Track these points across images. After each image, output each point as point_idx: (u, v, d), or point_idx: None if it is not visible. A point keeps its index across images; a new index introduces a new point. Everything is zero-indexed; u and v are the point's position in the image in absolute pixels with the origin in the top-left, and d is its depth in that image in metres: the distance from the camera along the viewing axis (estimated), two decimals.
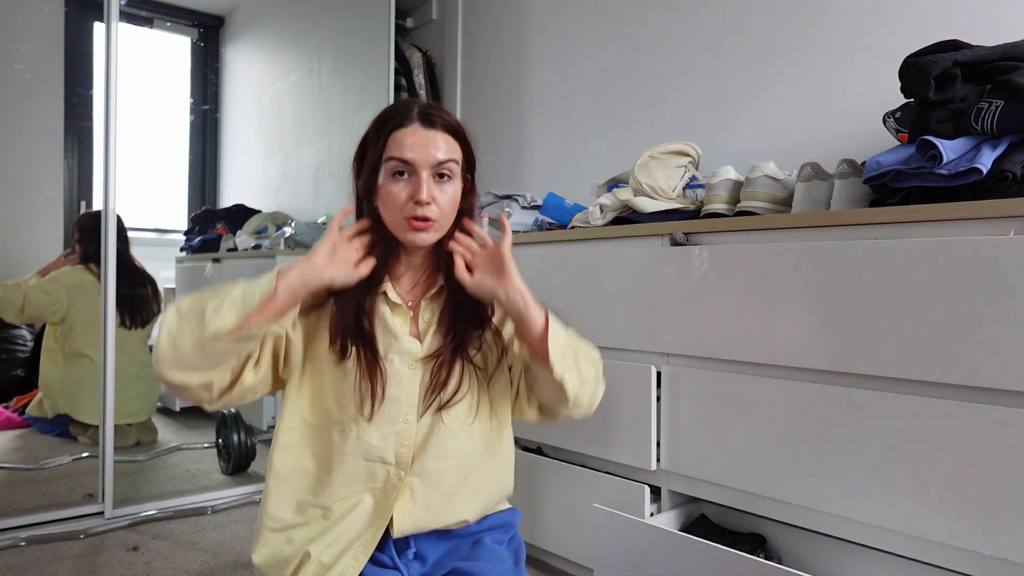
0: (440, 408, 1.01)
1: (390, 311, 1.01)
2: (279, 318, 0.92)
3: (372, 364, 0.97)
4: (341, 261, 0.96)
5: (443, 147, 0.98)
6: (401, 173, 0.97)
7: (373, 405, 0.98)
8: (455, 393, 1.02)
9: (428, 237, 0.99)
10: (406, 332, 1.02)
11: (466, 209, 1.06)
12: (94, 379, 2.49)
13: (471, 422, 1.04)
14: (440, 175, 0.98)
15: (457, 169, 1.00)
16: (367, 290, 0.99)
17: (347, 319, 0.98)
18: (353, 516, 0.99)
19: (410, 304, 1.04)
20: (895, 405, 1.14)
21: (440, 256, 1.04)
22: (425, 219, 0.96)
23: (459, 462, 1.02)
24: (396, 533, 0.99)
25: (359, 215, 1.04)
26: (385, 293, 1.01)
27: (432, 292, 1.04)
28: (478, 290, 0.98)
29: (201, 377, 0.91)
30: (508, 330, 1.06)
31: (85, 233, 2.70)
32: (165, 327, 0.90)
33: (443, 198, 0.98)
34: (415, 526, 1.00)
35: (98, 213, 2.56)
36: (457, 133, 1.02)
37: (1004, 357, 1.02)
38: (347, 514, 0.98)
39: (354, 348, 0.98)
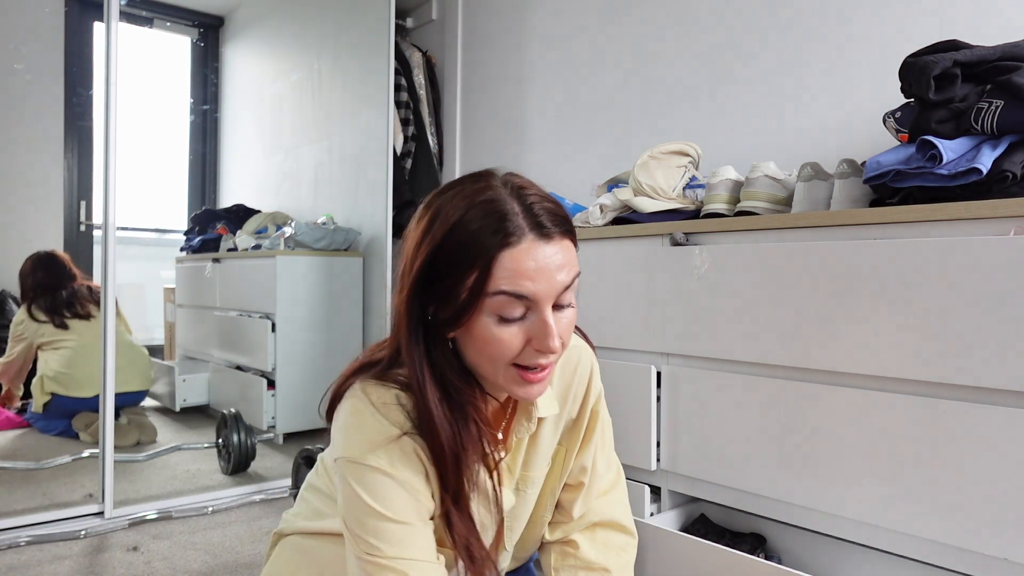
0: (504, 538, 0.89)
1: (499, 485, 0.80)
2: None
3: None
4: None
5: (566, 264, 0.72)
6: (515, 312, 0.70)
7: None
8: (520, 519, 0.92)
9: (542, 389, 0.74)
10: (505, 490, 0.83)
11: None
12: (74, 357, 2.76)
13: (529, 530, 0.97)
14: (561, 303, 0.73)
15: (577, 284, 0.74)
16: (469, 478, 0.77)
17: (466, 535, 0.76)
18: None
19: (500, 437, 0.84)
20: (895, 405, 1.14)
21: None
22: (546, 366, 0.73)
23: (508, 564, 0.98)
24: None
25: (415, 363, 0.74)
26: (490, 460, 0.78)
27: (527, 431, 0.84)
28: None
29: None
30: (588, 447, 0.95)
31: (23, 277, 2.90)
32: None
33: (565, 327, 0.73)
34: None
35: (33, 257, 2.90)
36: (571, 231, 0.76)
37: (1004, 357, 1.02)
38: None
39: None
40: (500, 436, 0.83)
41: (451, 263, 0.69)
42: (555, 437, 0.92)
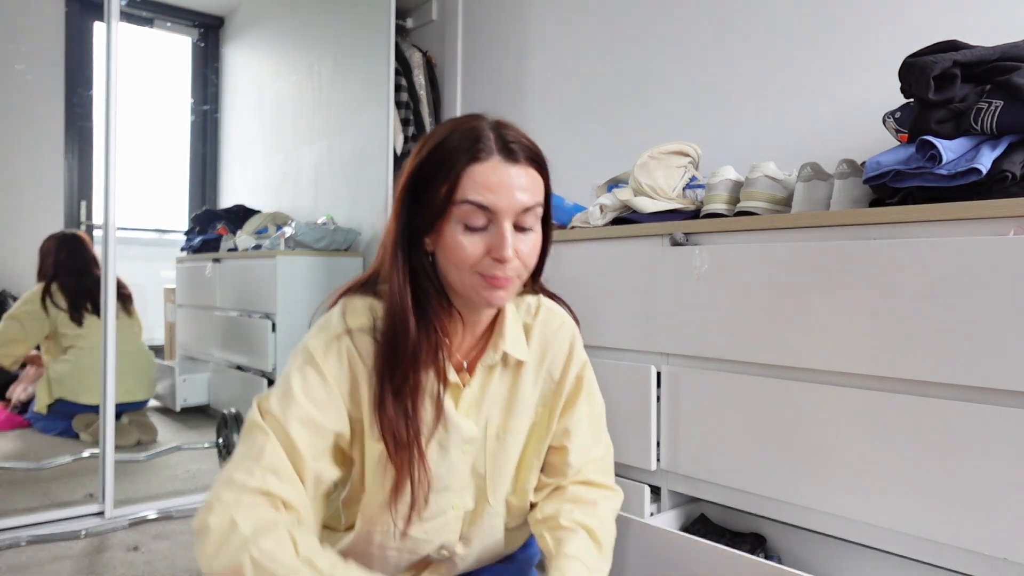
0: (486, 488, 0.93)
1: (445, 391, 0.86)
2: None
3: (412, 466, 0.83)
4: None
5: (528, 187, 0.81)
6: (477, 221, 0.79)
7: (410, 518, 0.86)
8: (503, 470, 0.94)
9: (504, 296, 0.82)
10: (458, 412, 0.88)
11: (544, 255, 0.90)
12: (84, 361, 2.63)
13: (517, 496, 0.98)
14: (523, 224, 0.81)
15: (541, 212, 0.84)
16: (417, 371, 0.83)
17: (392, 419, 0.82)
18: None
19: (464, 366, 0.91)
20: (895, 405, 1.14)
21: (502, 316, 0.90)
22: (505, 278, 0.80)
23: (494, 539, 0.98)
24: None
25: (396, 262, 0.83)
26: (442, 370, 0.85)
27: (492, 361, 0.91)
28: None
29: None
30: (573, 413, 0.98)
31: (42, 255, 2.81)
32: (230, 568, 0.69)
33: (525, 248, 0.82)
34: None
35: (55, 235, 2.79)
36: (540, 163, 0.85)
37: (1004, 357, 1.02)
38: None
39: (392, 451, 0.83)
40: (466, 365, 0.90)
41: (431, 175, 0.80)
42: (535, 392, 0.96)
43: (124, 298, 2.87)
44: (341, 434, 0.83)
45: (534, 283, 0.96)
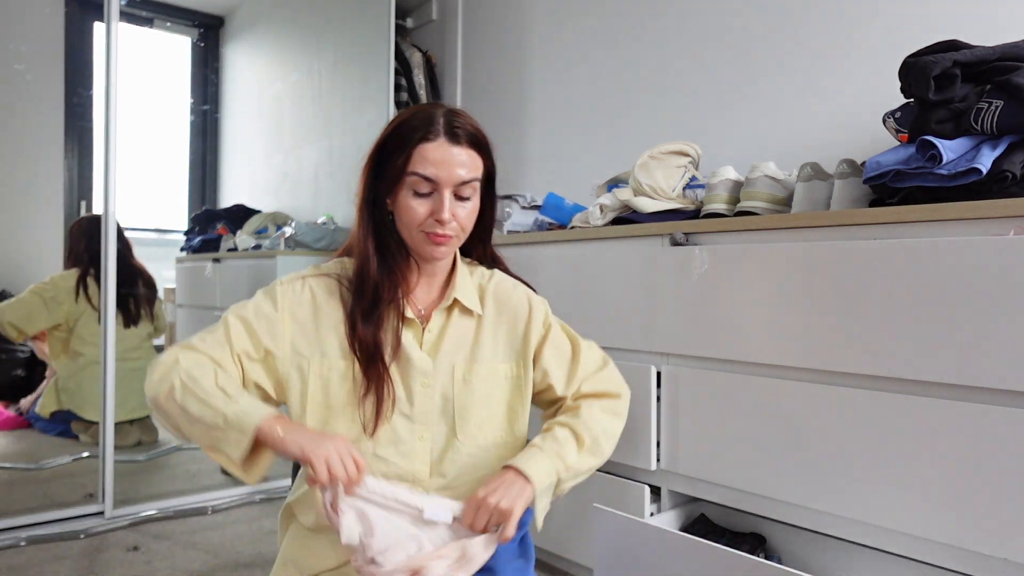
0: (454, 425, 1.01)
1: (403, 326, 1.01)
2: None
3: (380, 381, 0.98)
4: (339, 465, 0.88)
5: (467, 164, 0.98)
6: (423, 189, 0.97)
7: (377, 422, 0.98)
8: (470, 410, 1.02)
9: (446, 251, 1.00)
10: (418, 348, 1.02)
11: (487, 223, 1.08)
12: (95, 375, 2.50)
13: (486, 438, 1.03)
14: (461, 194, 0.99)
15: (478, 186, 1.01)
16: (380, 303, 0.99)
17: (362, 337, 0.98)
18: None
19: (422, 312, 1.05)
20: (895, 405, 1.14)
21: (454, 269, 1.06)
22: (444, 236, 0.98)
23: (474, 477, 1.01)
24: None
25: (363, 219, 1.03)
26: (399, 307, 1.01)
27: (445, 305, 1.04)
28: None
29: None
30: (543, 357, 1.07)
31: (75, 238, 2.72)
32: (166, 386, 0.91)
33: (462, 214, 0.99)
34: None
35: (89, 218, 2.62)
36: (481, 146, 1.02)
37: (1004, 357, 1.02)
38: None
39: (363, 365, 0.98)
40: (423, 311, 1.05)
41: (392, 149, 0.99)
42: (497, 344, 1.07)
43: (144, 298, 2.83)
44: (271, 353, 0.99)
45: (485, 253, 1.13)
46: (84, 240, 2.62)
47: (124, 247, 2.73)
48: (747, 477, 1.35)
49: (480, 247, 1.12)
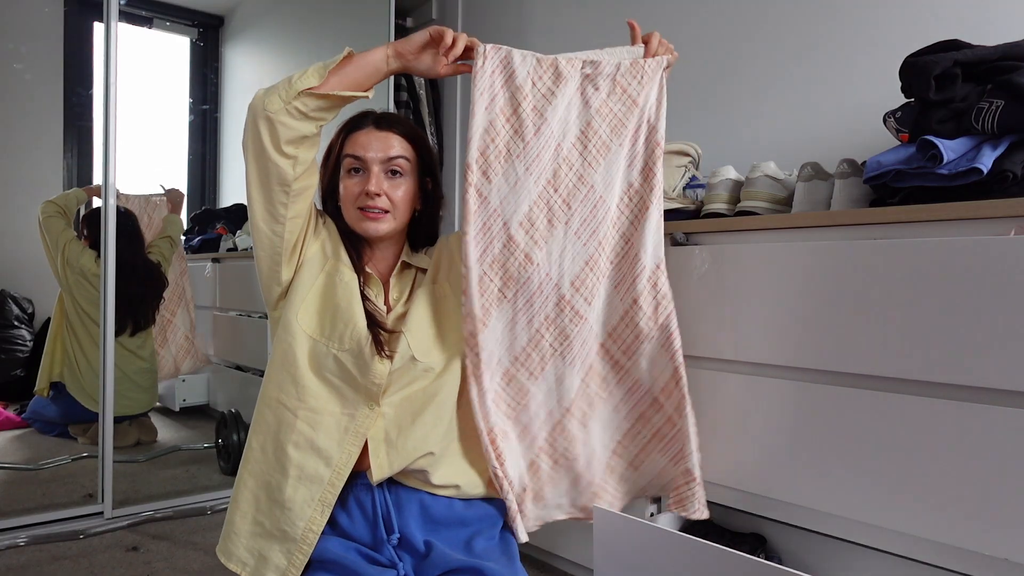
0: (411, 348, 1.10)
1: (366, 283, 1.14)
2: (360, 85, 1.05)
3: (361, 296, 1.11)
4: (432, 55, 1.07)
5: (395, 146, 1.10)
6: (356, 170, 1.10)
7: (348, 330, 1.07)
8: (423, 331, 1.13)
9: (379, 227, 1.10)
10: (381, 302, 1.15)
11: (432, 209, 1.20)
12: (95, 357, 2.50)
13: (431, 359, 1.11)
14: (392, 171, 1.10)
15: (408, 167, 1.12)
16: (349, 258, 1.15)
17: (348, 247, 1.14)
18: (326, 430, 1.06)
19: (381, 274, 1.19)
20: (895, 405, 1.14)
21: (401, 243, 1.19)
22: (375, 209, 1.08)
23: (418, 389, 1.10)
24: (375, 473, 1.04)
25: (323, 205, 1.20)
26: (364, 268, 1.15)
27: (397, 271, 1.18)
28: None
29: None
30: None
31: (89, 228, 2.73)
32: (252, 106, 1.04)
33: (395, 193, 1.10)
34: (389, 456, 1.06)
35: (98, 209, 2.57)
36: (411, 137, 1.14)
37: (1004, 357, 1.02)
38: (319, 425, 1.07)
39: (347, 271, 1.11)
40: (386, 284, 1.19)
41: (331, 145, 1.15)
42: (429, 295, 1.16)
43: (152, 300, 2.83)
44: (318, 226, 1.17)
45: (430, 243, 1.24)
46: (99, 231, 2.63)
47: (138, 243, 2.74)
48: (747, 477, 1.35)
49: (429, 243, 1.25)
